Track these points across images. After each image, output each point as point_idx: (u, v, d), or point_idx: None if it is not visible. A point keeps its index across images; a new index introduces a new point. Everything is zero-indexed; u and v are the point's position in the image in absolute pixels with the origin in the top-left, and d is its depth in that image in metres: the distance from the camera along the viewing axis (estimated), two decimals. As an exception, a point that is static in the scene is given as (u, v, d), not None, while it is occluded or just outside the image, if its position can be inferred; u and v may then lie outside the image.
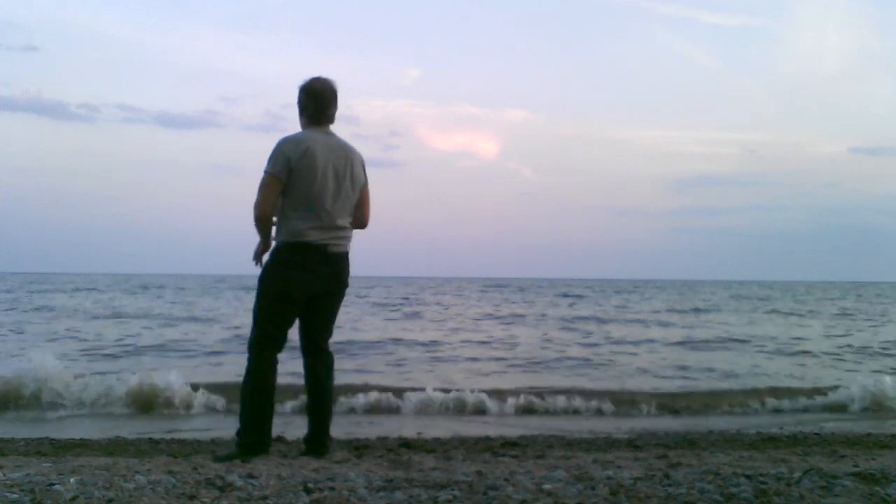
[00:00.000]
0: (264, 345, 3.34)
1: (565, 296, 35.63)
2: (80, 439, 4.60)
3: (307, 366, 3.47)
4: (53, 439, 4.56)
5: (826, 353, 11.26)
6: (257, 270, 3.38)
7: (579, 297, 34.71)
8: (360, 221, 3.49)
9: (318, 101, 3.34)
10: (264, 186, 3.26)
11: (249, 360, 3.35)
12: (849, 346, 12.43)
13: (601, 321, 17.86)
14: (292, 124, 3.42)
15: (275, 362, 3.36)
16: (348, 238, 3.42)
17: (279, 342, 3.37)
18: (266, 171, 3.26)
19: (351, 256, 3.47)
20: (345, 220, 3.38)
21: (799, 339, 13.56)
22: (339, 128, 3.42)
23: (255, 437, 3.33)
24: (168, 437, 4.79)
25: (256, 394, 3.32)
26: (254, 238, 3.38)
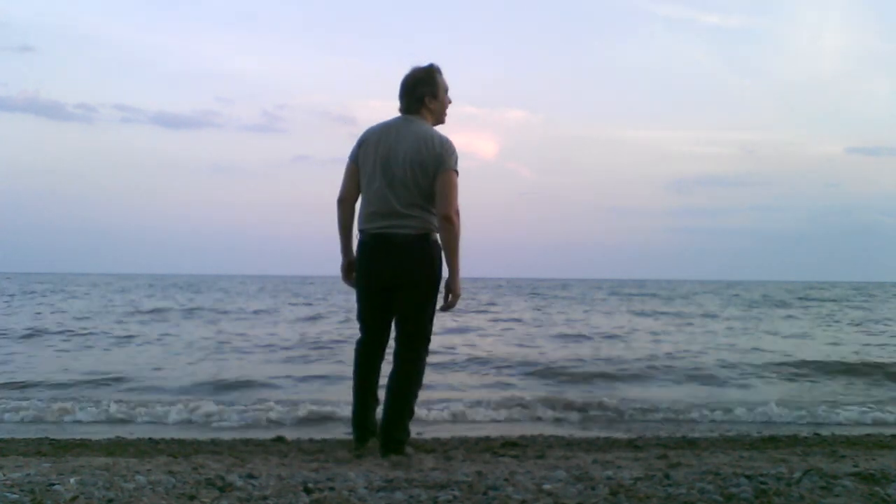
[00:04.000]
0: (360, 337, 3.49)
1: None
2: (80, 439, 4.60)
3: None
4: (53, 439, 4.56)
5: None
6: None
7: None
8: (438, 209, 3.25)
9: (399, 91, 3.40)
10: (344, 173, 3.40)
11: None
12: None
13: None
14: (289, 124, 3.50)
15: (368, 355, 3.44)
16: (413, 226, 3.24)
17: (368, 333, 3.45)
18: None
19: (428, 246, 3.28)
20: (410, 207, 3.23)
21: None
22: (336, 128, 3.52)
23: (355, 431, 3.49)
24: (168, 437, 4.79)
25: (354, 387, 3.46)
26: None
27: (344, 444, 4.12)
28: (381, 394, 3.49)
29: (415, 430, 4.80)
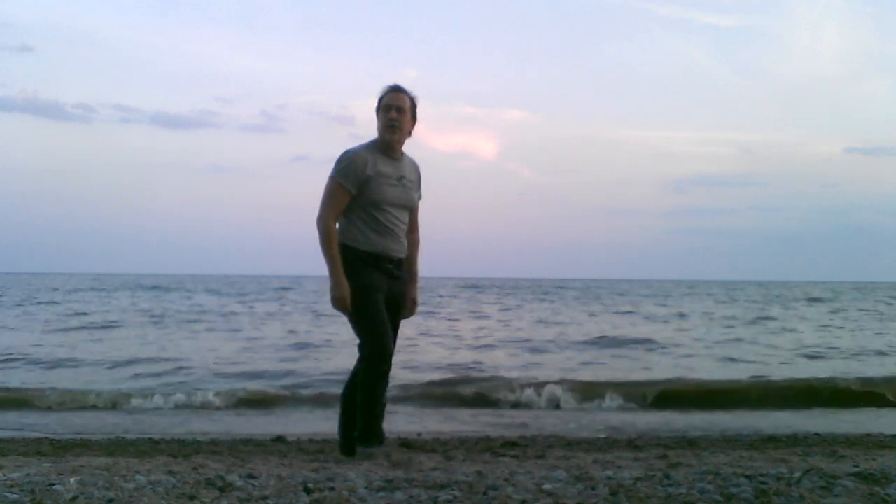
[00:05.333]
0: None
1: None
2: (80, 439, 4.61)
3: None
4: (53, 439, 4.57)
5: None
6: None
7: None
8: None
9: None
10: None
11: None
12: None
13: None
14: (289, 124, 3.46)
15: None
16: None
17: None
18: None
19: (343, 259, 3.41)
20: None
21: None
22: (335, 128, 3.50)
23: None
24: (168, 436, 4.79)
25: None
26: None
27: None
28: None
29: (415, 431, 4.81)
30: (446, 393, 7.44)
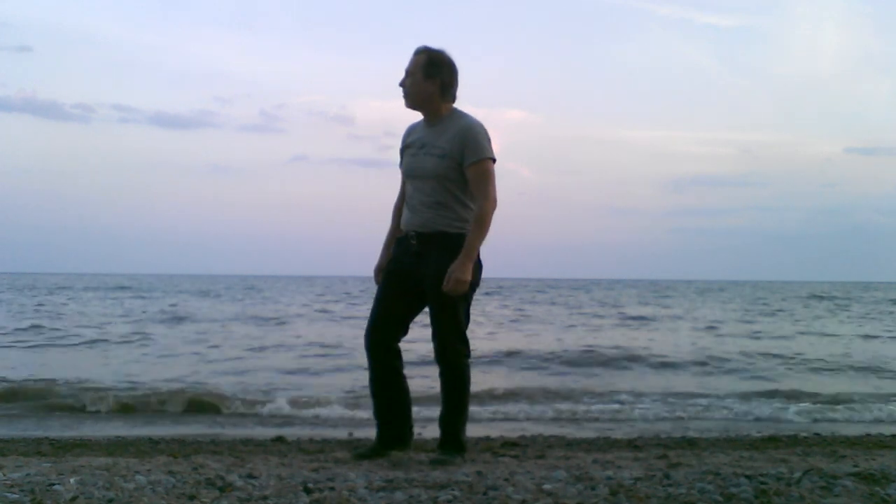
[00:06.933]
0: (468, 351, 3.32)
1: None
2: (80, 439, 4.61)
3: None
4: (53, 439, 4.56)
5: None
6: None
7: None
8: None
9: (457, 76, 3.18)
10: (494, 175, 3.12)
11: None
12: None
13: None
14: (288, 124, 3.42)
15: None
16: None
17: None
18: (491, 158, 3.12)
19: None
20: None
21: None
22: (334, 128, 3.43)
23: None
24: (168, 436, 4.79)
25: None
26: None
27: (344, 444, 4.13)
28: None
29: (415, 431, 4.82)
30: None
